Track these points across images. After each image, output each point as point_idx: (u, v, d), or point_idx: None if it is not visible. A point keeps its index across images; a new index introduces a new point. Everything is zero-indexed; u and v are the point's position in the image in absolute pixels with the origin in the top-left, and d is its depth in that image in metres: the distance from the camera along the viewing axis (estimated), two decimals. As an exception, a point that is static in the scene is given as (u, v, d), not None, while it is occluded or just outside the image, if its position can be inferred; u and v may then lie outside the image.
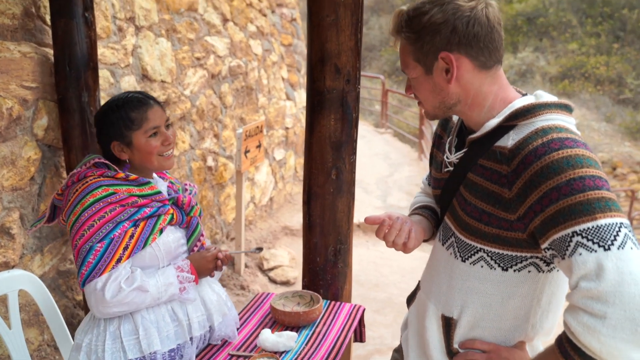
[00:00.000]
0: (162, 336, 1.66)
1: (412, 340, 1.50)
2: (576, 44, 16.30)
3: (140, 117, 1.65)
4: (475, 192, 1.26)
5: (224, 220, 4.67)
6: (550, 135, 1.14)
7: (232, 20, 4.67)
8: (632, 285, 1.01)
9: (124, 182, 1.65)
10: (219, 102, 4.45)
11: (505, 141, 1.22)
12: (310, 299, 2.08)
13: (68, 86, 2.52)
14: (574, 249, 1.07)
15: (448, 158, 1.38)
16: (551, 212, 1.10)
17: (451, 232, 1.36)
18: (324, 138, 2.06)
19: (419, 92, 1.32)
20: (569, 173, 1.08)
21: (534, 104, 1.22)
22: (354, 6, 1.95)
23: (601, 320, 1.02)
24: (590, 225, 1.05)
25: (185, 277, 1.69)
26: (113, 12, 3.07)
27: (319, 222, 2.14)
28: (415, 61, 1.27)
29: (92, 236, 1.56)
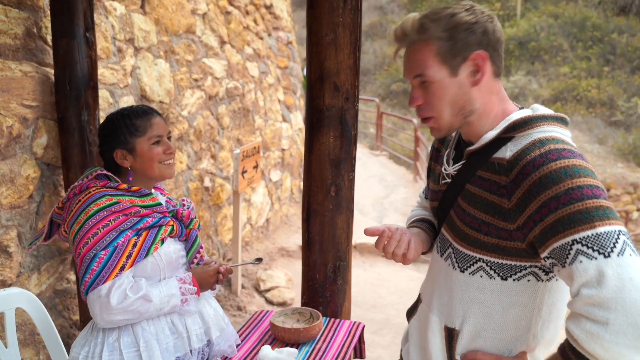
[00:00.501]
0: (162, 348, 1.66)
1: (413, 353, 1.50)
2: (567, 67, 16.54)
3: (144, 124, 1.71)
4: (474, 203, 1.28)
5: (221, 241, 4.66)
6: (547, 146, 1.16)
7: (229, 42, 4.74)
8: (632, 291, 1.02)
9: (126, 193, 1.68)
10: (216, 123, 4.48)
11: (503, 153, 1.23)
12: (309, 315, 2.07)
13: (68, 105, 2.54)
14: (574, 257, 1.08)
15: (446, 170, 1.40)
16: (551, 221, 1.12)
17: (448, 243, 1.37)
18: (323, 155, 2.08)
19: (438, 98, 1.27)
20: (567, 183, 1.10)
21: (531, 116, 1.24)
22: (353, 26, 2.00)
23: (604, 326, 1.03)
24: (590, 233, 1.07)
25: (187, 289, 1.70)
26: (113, 33, 3.11)
27: (318, 239, 2.14)
28: (441, 62, 1.25)
29: (96, 244, 1.58)
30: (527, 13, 18.63)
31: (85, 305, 2.71)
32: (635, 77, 15.78)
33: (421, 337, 1.47)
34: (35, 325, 2.27)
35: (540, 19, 17.85)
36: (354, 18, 1.99)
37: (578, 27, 17.42)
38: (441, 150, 1.50)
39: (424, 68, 1.26)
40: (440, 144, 1.53)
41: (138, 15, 3.39)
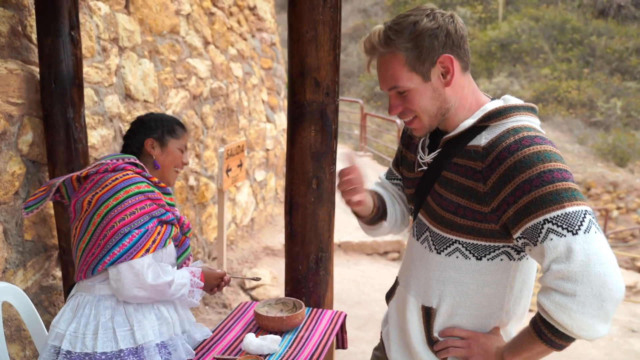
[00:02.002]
0: (154, 329, 1.76)
1: (393, 333, 1.56)
2: (548, 69, 16.81)
3: (181, 132, 1.97)
4: (450, 188, 1.35)
5: (206, 240, 4.69)
6: (521, 133, 1.25)
7: (213, 43, 4.78)
8: (597, 264, 1.12)
9: (156, 186, 1.83)
10: (201, 123, 4.52)
11: (479, 140, 1.31)
12: (293, 305, 2.12)
13: (54, 103, 2.57)
14: (545, 235, 1.17)
15: (422, 158, 1.47)
16: (524, 202, 1.20)
17: (426, 227, 1.44)
18: (304, 149, 2.14)
19: (416, 104, 1.34)
20: (540, 167, 1.19)
21: (505, 106, 1.33)
22: (332, 23, 2.06)
23: (571, 297, 1.13)
24: (559, 213, 1.16)
25: (195, 282, 1.86)
26: (97, 32, 3.14)
27: (300, 231, 2.20)
28: (411, 71, 1.31)
29: (132, 222, 1.69)
30: (508, 16, 18.90)
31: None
32: (614, 78, 16.10)
33: (400, 318, 1.54)
34: (21, 320, 2.29)
35: (522, 21, 18.12)
36: (334, 16, 2.05)
37: (558, 30, 17.71)
38: (414, 139, 1.57)
39: (397, 80, 1.33)
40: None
41: (122, 15, 3.43)
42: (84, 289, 1.79)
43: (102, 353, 1.67)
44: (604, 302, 1.11)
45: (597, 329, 1.14)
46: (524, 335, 1.27)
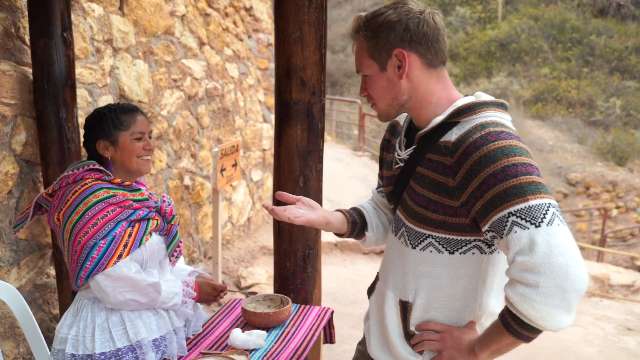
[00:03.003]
0: (145, 327, 1.77)
1: (373, 328, 1.60)
2: (548, 68, 16.82)
3: (129, 120, 1.84)
4: (423, 183, 1.39)
5: (202, 239, 4.73)
6: (487, 129, 1.28)
7: (208, 44, 4.81)
8: (559, 256, 1.14)
9: (119, 187, 1.80)
10: (196, 123, 4.55)
11: (449, 136, 1.35)
12: (280, 301, 2.16)
13: (46, 103, 2.60)
14: (510, 228, 1.20)
15: (399, 155, 1.50)
16: (489, 196, 1.23)
17: (402, 222, 1.48)
18: (291, 147, 2.17)
19: (373, 90, 1.41)
20: (504, 161, 1.22)
21: (474, 102, 1.36)
22: (318, 23, 2.10)
23: (534, 289, 1.16)
24: (523, 206, 1.19)
25: (188, 293, 1.86)
26: (91, 34, 3.18)
27: (287, 229, 2.24)
28: (371, 59, 1.38)
29: (96, 233, 1.69)
30: (507, 15, 18.91)
31: (66, 299, 2.77)
32: (614, 77, 16.10)
33: (379, 312, 1.57)
34: (15, 318, 2.33)
35: (521, 21, 18.13)
36: (319, 16, 2.08)
37: (558, 29, 17.71)
38: (392, 141, 1.61)
39: (360, 64, 1.42)
40: (391, 135, 1.64)
41: (116, 16, 3.47)
42: (82, 293, 1.84)
43: (101, 353, 1.71)
44: (566, 293, 1.14)
45: (560, 319, 1.16)
46: (493, 328, 1.30)
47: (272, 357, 1.81)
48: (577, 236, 12.08)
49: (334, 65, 20.70)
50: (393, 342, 1.50)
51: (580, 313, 6.07)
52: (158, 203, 1.91)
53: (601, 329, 5.45)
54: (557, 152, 13.96)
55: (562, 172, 13.44)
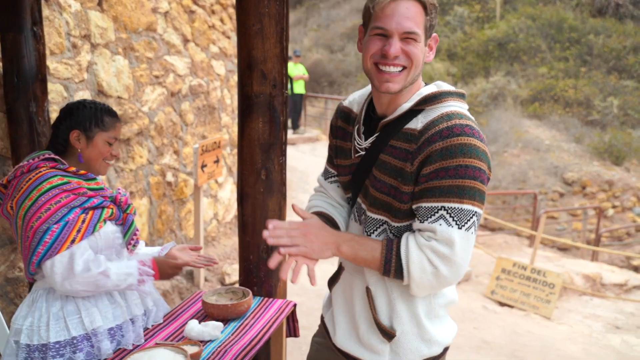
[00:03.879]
0: (102, 316, 1.79)
1: (339, 317, 1.60)
2: (546, 68, 16.76)
3: (110, 123, 1.89)
4: (385, 170, 1.42)
5: (185, 236, 4.73)
6: (453, 120, 1.33)
7: (193, 41, 4.82)
8: (462, 259, 1.35)
9: (74, 175, 1.81)
10: (179, 120, 4.56)
11: (415, 124, 1.39)
12: (242, 294, 2.16)
13: (16, 97, 2.61)
14: (436, 219, 1.31)
15: (360, 144, 1.50)
16: (432, 185, 1.32)
17: (363, 210, 1.50)
18: (253, 140, 2.17)
19: (417, 55, 1.38)
20: (460, 159, 1.29)
21: (440, 91, 1.41)
22: (279, 16, 2.09)
23: (434, 270, 1.35)
24: (456, 206, 1.31)
25: (145, 271, 1.86)
26: (67, 29, 3.19)
27: (250, 221, 2.24)
28: (423, 30, 1.38)
29: (48, 218, 1.70)
30: (506, 15, 18.87)
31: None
32: (611, 77, 16.05)
33: (346, 301, 1.59)
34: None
35: (519, 20, 18.09)
36: (280, 9, 2.08)
37: (556, 29, 17.67)
38: (347, 129, 1.61)
39: (417, 26, 1.36)
40: (345, 122, 1.63)
41: (95, 12, 3.47)
42: (38, 284, 1.84)
43: (55, 342, 1.73)
44: (444, 285, 1.39)
45: (420, 294, 1.42)
46: (370, 246, 1.40)
47: (225, 348, 1.82)
48: (573, 235, 12.05)
49: (332, 65, 20.70)
50: (362, 330, 1.52)
51: (569, 311, 6.08)
52: (113, 193, 1.93)
53: (588, 327, 5.44)
54: (554, 152, 13.92)
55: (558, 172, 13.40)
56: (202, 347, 1.80)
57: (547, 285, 5.58)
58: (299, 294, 4.97)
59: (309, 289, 5.06)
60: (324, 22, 23.35)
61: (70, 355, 1.74)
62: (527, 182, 13.12)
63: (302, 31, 23.48)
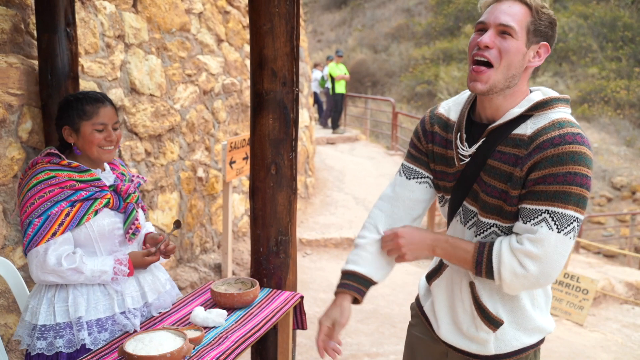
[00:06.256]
0: (90, 306, 1.87)
1: (441, 312, 1.65)
2: (596, 68, 16.22)
3: (92, 110, 1.91)
4: (494, 175, 1.46)
5: (215, 230, 4.87)
6: (565, 128, 1.37)
7: (227, 40, 4.96)
8: (555, 262, 1.38)
9: (65, 169, 1.89)
10: (211, 117, 4.70)
11: (524, 129, 1.43)
12: (250, 284, 2.23)
13: (50, 94, 2.78)
14: (539, 222, 1.37)
15: (465, 151, 1.52)
16: (540, 189, 1.37)
17: (473, 213, 1.54)
18: (263, 136, 2.24)
19: (509, 52, 1.39)
20: (570, 167, 1.34)
21: (549, 98, 1.44)
22: (289, 15, 2.16)
23: (524, 271, 1.39)
24: (560, 211, 1.36)
25: (120, 270, 1.92)
26: (102, 30, 3.36)
27: (261, 215, 2.31)
28: (525, 29, 1.39)
29: (32, 212, 1.81)
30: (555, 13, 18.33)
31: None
32: (667, 78, 15.38)
33: (448, 297, 1.64)
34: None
35: (569, 19, 17.55)
36: (290, 8, 2.15)
37: (608, 27, 17.05)
38: (446, 136, 1.60)
39: (515, 21, 1.39)
40: (442, 130, 1.62)
41: (129, 13, 3.64)
42: None
43: (42, 325, 1.85)
44: (535, 287, 1.43)
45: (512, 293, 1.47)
46: (462, 251, 1.48)
47: (227, 334, 1.89)
48: (620, 242, 11.61)
49: (375, 65, 20.65)
50: (467, 323, 1.58)
51: (606, 319, 5.89)
52: (124, 182, 2.01)
53: (625, 336, 5.26)
54: (603, 155, 13.46)
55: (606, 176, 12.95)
56: (205, 332, 1.88)
57: (581, 290, 5.42)
58: (326, 291, 5.03)
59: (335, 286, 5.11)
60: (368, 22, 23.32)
61: (52, 339, 1.84)
62: (573, 185, 12.73)
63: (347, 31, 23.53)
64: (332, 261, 6.02)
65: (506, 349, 1.55)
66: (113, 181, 2.02)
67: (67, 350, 1.85)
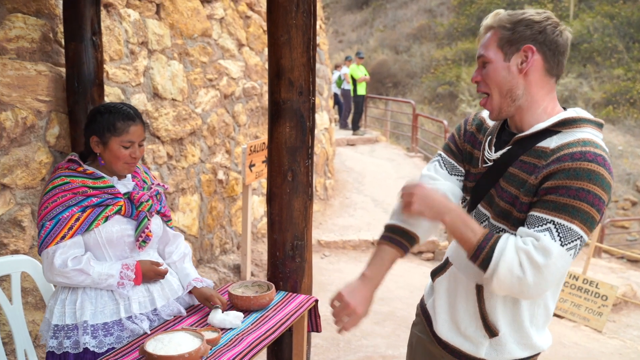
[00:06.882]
0: (96, 310, 1.95)
1: (441, 309, 1.69)
2: (622, 69, 15.95)
3: (122, 128, 1.98)
4: (511, 182, 1.50)
5: (235, 232, 4.96)
6: (589, 147, 1.38)
7: (247, 45, 5.04)
8: (552, 275, 1.37)
9: (80, 175, 1.98)
10: (232, 121, 4.79)
11: (549, 143, 1.45)
12: (267, 288, 2.30)
13: (77, 100, 2.89)
14: (542, 230, 1.38)
15: (490, 154, 1.58)
16: (549, 198, 1.38)
17: (486, 217, 1.58)
18: (280, 144, 2.31)
19: (490, 78, 1.48)
20: (584, 183, 1.35)
21: (580, 117, 1.47)
22: (305, 27, 2.22)
23: (522, 274, 1.37)
24: (566, 224, 1.36)
25: (127, 275, 1.98)
26: (126, 37, 3.46)
27: (277, 220, 2.37)
28: (498, 47, 1.46)
29: (45, 215, 1.92)
30: (580, 14, 18.08)
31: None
32: (696, 79, 15.05)
33: (450, 295, 1.67)
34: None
35: (595, 19, 17.29)
36: (306, 20, 2.21)
37: (635, 28, 16.75)
38: (478, 137, 1.67)
39: (485, 49, 1.50)
40: (477, 130, 1.69)
41: (152, 20, 3.74)
42: None
43: (55, 325, 1.96)
44: (522, 295, 1.41)
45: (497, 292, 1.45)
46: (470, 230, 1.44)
47: (243, 336, 1.96)
48: (645, 247, 11.41)
49: (397, 66, 20.61)
50: (465, 323, 1.61)
51: (627, 326, 5.82)
52: (143, 189, 2.09)
53: (646, 343, 5.20)
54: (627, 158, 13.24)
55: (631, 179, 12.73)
56: (222, 334, 1.95)
57: (600, 296, 5.37)
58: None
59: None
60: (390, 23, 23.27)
61: (62, 339, 1.94)
62: (596, 189, 12.55)
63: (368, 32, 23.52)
64: (350, 263, 6.07)
65: (495, 358, 1.58)
66: (130, 189, 2.08)
67: (73, 351, 1.94)
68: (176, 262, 2.23)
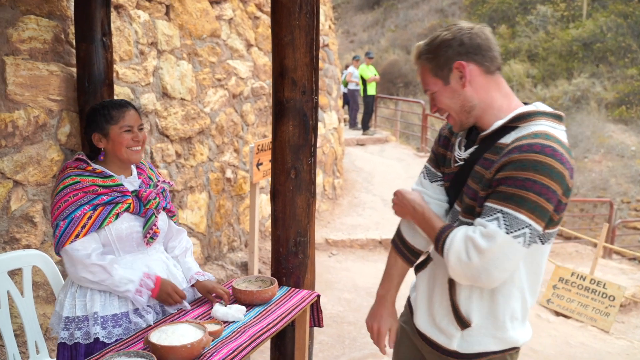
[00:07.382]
0: (106, 302, 2.02)
1: (420, 302, 1.76)
2: (636, 69, 15.80)
3: (118, 115, 2.07)
4: (474, 178, 1.57)
5: (243, 230, 5.02)
6: (538, 139, 1.44)
7: (256, 45, 5.10)
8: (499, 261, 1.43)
9: (90, 174, 2.04)
10: (240, 120, 4.85)
11: (507, 139, 1.52)
12: (270, 283, 2.35)
13: (87, 99, 2.96)
14: (491, 219, 1.44)
15: (459, 155, 1.65)
16: (500, 190, 1.44)
17: (457, 214, 1.64)
18: (284, 142, 2.36)
19: (441, 103, 1.59)
20: (530, 174, 1.40)
21: (533, 110, 1.53)
22: (308, 28, 2.27)
23: (467, 259, 1.46)
24: (512, 213, 1.41)
25: (146, 284, 2.05)
26: (136, 37, 3.53)
27: (281, 217, 2.43)
28: (435, 77, 1.57)
29: (58, 215, 1.98)
30: (593, 13, 17.94)
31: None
32: None
33: (428, 289, 1.73)
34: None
35: (608, 19, 17.14)
36: (310, 21, 2.26)
37: (649, 27, 16.59)
38: (451, 139, 1.75)
39: (426, 84, 1.62)
40: (451, 133, 1.77)
41: (162, 21, 3.81)
42: None
43: (66, 317, 2.02)
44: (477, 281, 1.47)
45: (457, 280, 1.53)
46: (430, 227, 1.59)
47: (245, 328, 2.02)
48: (657, 248, 11.30)
49: (408, 66, 20.59)
50: (440, 315, 1.66)
51: (636, 327, 5.80)
52: (149, 187, 2.15)
53: (655, 344, 5.18)
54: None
55: (644, 180, 12.61)
56: (224, 326, 2.01)
57: (607, 297, 5.35)
58: (350, 291, 5.12)
59: (360, 286, 5.20)
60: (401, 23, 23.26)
61: (73, 330, 2.01)
62: (608, 189, 12.47)
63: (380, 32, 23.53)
64: (358, 262, 6.11)
65: (467, 350, 1.62)
66: (137, 186, 2.15)
67: (84, 342, 2.00)
68: (178, 256, 2.30)
